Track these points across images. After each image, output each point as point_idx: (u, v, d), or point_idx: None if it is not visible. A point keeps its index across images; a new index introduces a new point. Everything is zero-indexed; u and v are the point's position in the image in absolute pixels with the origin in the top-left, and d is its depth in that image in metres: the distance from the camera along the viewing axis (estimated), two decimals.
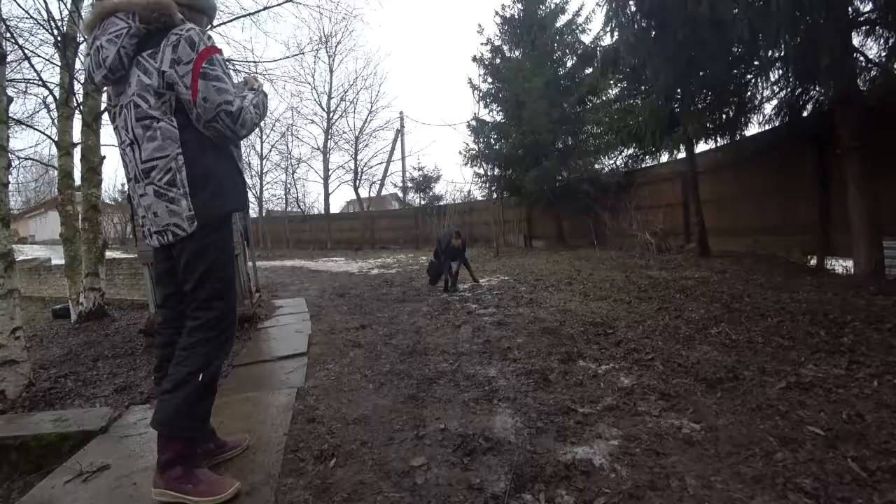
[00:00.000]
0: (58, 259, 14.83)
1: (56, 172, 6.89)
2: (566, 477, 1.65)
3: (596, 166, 12.70)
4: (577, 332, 3.53)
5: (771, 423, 1.95)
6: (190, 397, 1.63)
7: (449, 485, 1.66)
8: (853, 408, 2.03)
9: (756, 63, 6.12)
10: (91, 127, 6.23)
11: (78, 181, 6.66)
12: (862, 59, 5.37)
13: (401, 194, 25.06)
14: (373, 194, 27.66)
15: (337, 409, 2.44)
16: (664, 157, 10.11)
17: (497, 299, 5.09)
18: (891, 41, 4.94)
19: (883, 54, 5.14)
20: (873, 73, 5.34)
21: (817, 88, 6.26)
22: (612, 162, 12.76)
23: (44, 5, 7.19)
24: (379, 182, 27.23)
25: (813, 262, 6.60)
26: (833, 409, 2.05)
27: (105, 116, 6.48)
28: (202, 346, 1.67)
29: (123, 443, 2.18)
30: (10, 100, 4.14)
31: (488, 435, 1.99)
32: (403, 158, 26.54)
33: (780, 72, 6.06)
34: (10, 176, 3.34)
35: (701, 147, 8.51)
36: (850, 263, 5.63)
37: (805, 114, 6.65)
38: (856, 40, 5.28)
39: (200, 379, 1.63)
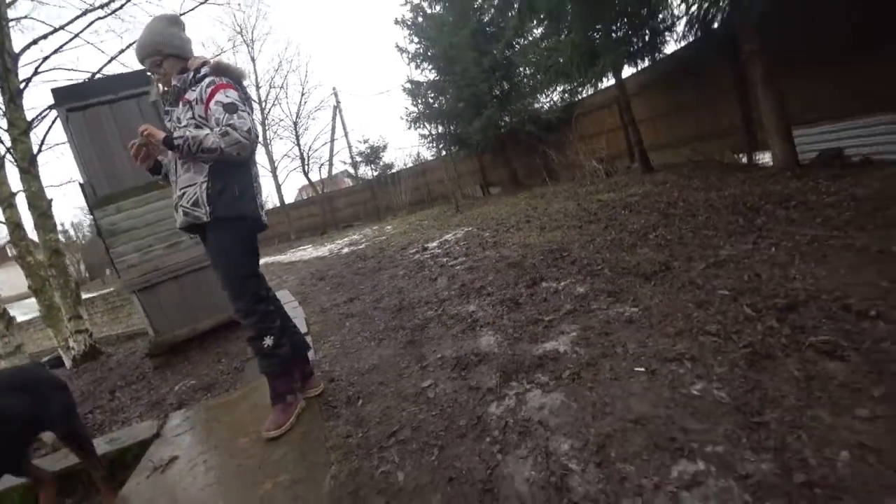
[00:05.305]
0: (22, 315, 14.10)
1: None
2: (540, 365, 2.14)
3: (535, 106, 13.07)
4: (538, 262, 4.01)
5: (691, 295, 2.47)
6: None
7: (454, 391, 2.13)
8: (754, 271, 2.57)
9: None
10: (30, 172, 5.92)
11: (30, 231, 6.39)
12: None
13: (351, 170, 24.87)
14: (324, 176, 27.47)
15: (350, 367, 2.86)
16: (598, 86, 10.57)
17: (465, 249, 5.53)
18: None
19: None
20: None
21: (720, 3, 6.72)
22: (548, 99, 13.15)
23: None
24: (327, 162, 27.03)
25: (744, 159, 7.26)
26: (739, 275, 2.59)
27: (41, 158, 6.24)
28: None
29: (180, 439, 2.51)
30: None
31: (477, 353, 2.47)
32: (346, 134, 26.45)
33: None
34: None
35: (628, 71, 8.99)
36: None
37: (715, 25, 7.15)
38: None
39: None
